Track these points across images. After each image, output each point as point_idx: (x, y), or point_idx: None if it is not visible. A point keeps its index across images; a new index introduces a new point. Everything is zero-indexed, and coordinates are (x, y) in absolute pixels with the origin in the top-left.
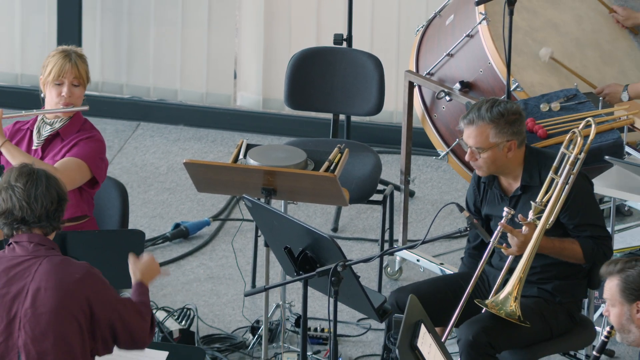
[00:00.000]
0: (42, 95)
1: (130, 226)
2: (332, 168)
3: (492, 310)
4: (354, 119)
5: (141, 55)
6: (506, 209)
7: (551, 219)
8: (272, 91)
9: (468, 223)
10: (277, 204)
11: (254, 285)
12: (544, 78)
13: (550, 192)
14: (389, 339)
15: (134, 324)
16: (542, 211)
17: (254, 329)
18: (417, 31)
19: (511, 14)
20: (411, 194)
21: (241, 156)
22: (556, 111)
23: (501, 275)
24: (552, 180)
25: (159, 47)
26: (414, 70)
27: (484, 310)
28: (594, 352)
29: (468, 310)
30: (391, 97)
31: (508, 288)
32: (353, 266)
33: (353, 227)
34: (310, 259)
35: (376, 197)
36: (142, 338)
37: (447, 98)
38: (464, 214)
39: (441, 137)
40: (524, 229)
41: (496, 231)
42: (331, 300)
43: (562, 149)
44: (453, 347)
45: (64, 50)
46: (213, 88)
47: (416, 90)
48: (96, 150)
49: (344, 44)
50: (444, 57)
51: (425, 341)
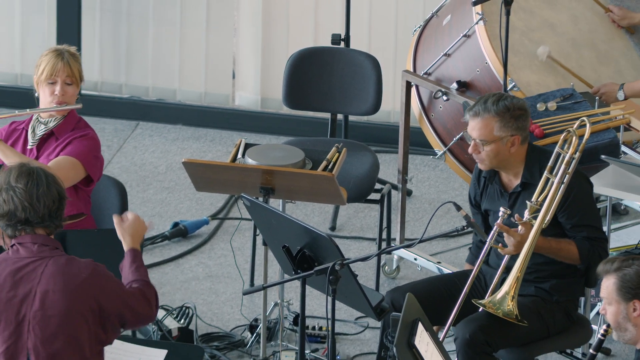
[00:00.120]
0: (36, 94)
1: None
2: (330, 167)
3: (490, 309)
4: (351, 118)
5: (140, 55)
6: (502, 208)
7: (547, 219)
8: (270, 91)
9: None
10: (276, 203)
11: (252, 283)
12: (540, 78)
13: (545, 191)
14: (386, 337)
15: (143, 309)
16: (538, 211)
17: (252, 327)
18: (415, 31)
19: (508, 14)
20: (408, 193)
21: (239, 155)
22: (553, 111)
23: (498, 275)
24: (548, 179)
25: (157, 47)
26: (412, 70)
27: (481, 309)
28: (590, 350)
29: (465, 308)
30: (389, 97)
31: (505, 287)
32: (351, 265)
33: (351, 226)
34: (309, 257)
35: (374, 196)
36: (149, 318)
37: (444, 98)
38: (461, 213)
39: (438, 136)
40: (520, 228)
41: (492, 231)
42: (329, 299)
43: (557, 148)
44: (450, 345)
45: (56, 49)
46: (211, 88)
47: (413, 90)
48: (90, 148)
49: (342, 44)
50: (441, 57)
51: (422, 339)
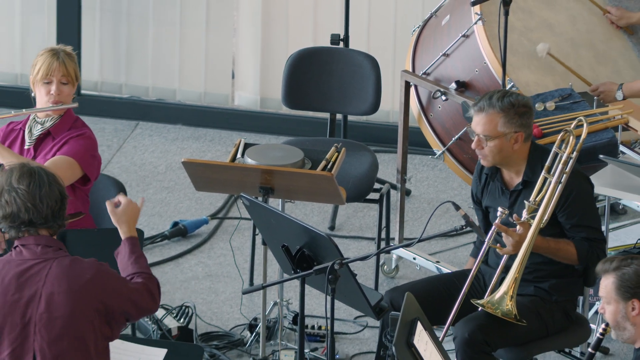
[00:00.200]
0: (32, 94)
1: None
2: (329, 167)
3: (489, 309)
4: (350, 118)
5: (140, 55)
6: (500, 208)
7: (545, 218)
8: (269, 91)
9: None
10: (275, 203)
11: (251, 283)
12: (539, 78)
13: (543, 191)
14: (385, 336)
15: (147, 304)
16: (536, 210)
17: (251, 327)
18: (414, 31)
19: (506, 14)
20: (407, 192)
21: (239, 155)
22: (551, 110)
23: (497, 274)
24: (545, 179)
25: (157, 47)
26: (410, 70)
27: (480, 309)
28: (589, 349)
29: (464, 308)
30: (388, 97)
31: (504, 287)
32: (350, 264)
33: (350, 225)
34: (308, 257)
35: (373, 195)
36: (152, 311)
37: (443, 98)
38: (460, 213)
39: (437, 136)
40: (518, 228)
41: (491, 231)
42: (328, 298)
43: (554, 148)
44: (449, 344)
45: (52, 49)
46: (211, 88)
47: (412, 90)
48: (87, 148)
49: (341, 44)
50: (440, 57)
51: (421, 338)
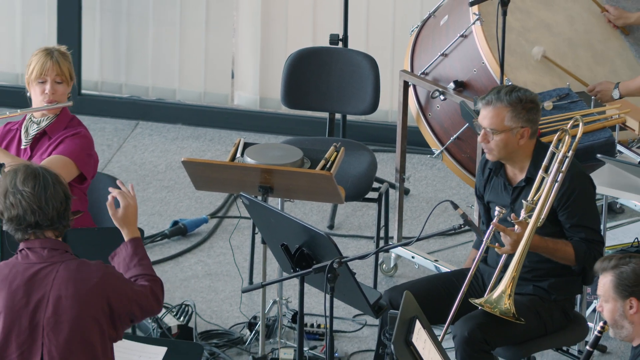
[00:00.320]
0: (27, 94)
1: None
2: (328, 166)
3: (487, 308)
4: (349, 117)
5: (140, 55)
6: (498, 208)
7: (542, 217)
8: (269, 90)
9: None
10: (274, 202)
11: (251, 281)
12: (536, 77)
13: (540, 190)
14: (384, 334)
15: (151, 307)
16: (534, 209)
17: (251, 325)
18: (412, 31)
19: (504, 14)
20: (406, 191)
21: (238, 155)
22: (549, 110)
23: (496, 273)
24: (543, 178)
25: (157, 47)
26: (409, 70)
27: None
28: (587, 347)
29: (464, 307)
30: (386, 97)
31: (501, 286)
32: (349, 263)
33: (349, 224)
34: (307, 256)
35: (371, 194)
36: (156, 313)
37: (442, 97)
38: (458, 212)
39: (435, 135)
40: (516, 227)
41: (488, 230)
42: (327, 297)
43: (551, 147)
44: (448, 342)
45: (46, 49)
46: (211, 87)
47: (411, 90)
48: (82, 147)
49: (340, 44)
50: (438, 57)
51: (420, 337)
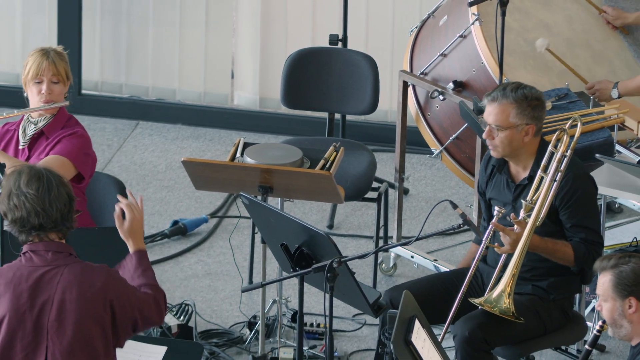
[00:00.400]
0: (24, 94)
1: None
2: (327, 166)
3: (487, 308)
4: (349, 117)
5: (140, 55)
6: (497, 208)
7: (541, 217)
8: (268, 90)
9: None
10: (274, 202)
11: (251, 281)
12: (535, 77)
13: (539, 190)
14: (383, 334)
15: (153, 316)
16: (533, 209)
17: (251, 324)
18: (411, 32)
19: (503, 14)
20: (405, 191)
21: (238, 154)
22: (548, 110)
23: (495, 273)
24: (542, 178)
25: (157, 48)
26: (408, 70)
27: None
28: (585, 346)
29: (464, 306)
30: (386, 97)
31: (501, 286)
32: (348, 262)
33: (348, 224)
34: (307, 255)
35: (371, 194)
36: (158, 323)
37: (441, 97)
38: (458, 211)
39: (435, 135)
40: (515, 227)
41: (488, 230)
42: (327, 296)
43: (550, 147)
44: (448, 342)
45: (42, 49)
46: (211, 87)
47: (410, 90)
48: (79, 146)
49: (340, 44)
50: (437, 57)
51: (419, 336)
